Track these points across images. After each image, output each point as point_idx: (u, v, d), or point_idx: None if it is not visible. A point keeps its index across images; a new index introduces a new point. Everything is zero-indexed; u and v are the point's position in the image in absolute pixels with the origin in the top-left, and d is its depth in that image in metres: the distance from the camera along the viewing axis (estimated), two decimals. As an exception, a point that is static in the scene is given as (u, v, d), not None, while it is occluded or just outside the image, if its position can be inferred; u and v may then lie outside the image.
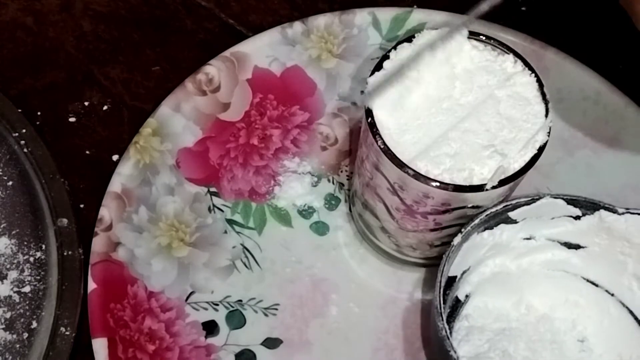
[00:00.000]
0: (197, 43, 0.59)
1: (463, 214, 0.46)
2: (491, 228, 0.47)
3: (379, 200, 0.48)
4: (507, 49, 0.46)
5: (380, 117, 0.44)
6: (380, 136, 0.43)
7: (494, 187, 0.43)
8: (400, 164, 0.43)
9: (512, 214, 0.47)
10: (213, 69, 0.55)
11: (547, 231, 0.49)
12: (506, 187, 0.44)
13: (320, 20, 0.57)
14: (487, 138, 0.44)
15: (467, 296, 0.49)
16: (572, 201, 0.47)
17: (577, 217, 0.48)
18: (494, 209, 0.46)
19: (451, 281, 0.48)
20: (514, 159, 0.44)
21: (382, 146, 0.43)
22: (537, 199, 0.47)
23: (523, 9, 0.62)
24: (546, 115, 0.45)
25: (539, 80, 0.45)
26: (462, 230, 0.46)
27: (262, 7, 0.61)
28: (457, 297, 0.49)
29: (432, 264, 0.52)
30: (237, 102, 0.56)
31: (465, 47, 0.46)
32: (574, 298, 0.49)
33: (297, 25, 0.57)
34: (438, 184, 0.43)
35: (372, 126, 0.44)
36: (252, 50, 0.56)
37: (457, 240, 0.46)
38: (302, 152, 0.55)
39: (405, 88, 0.45)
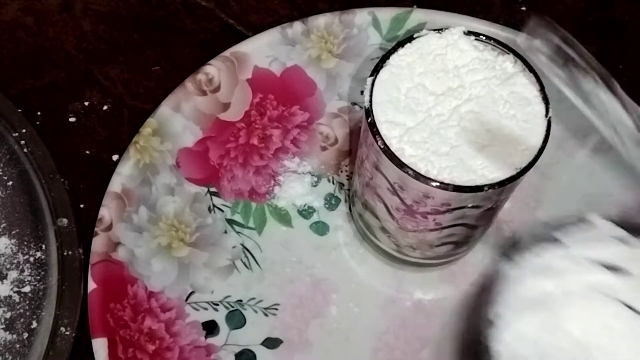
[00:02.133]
0: (197, 43, 0.59)
1: (463, 214, 0.45)
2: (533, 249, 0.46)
3: (379, 200, 0.47)
4: (507, 48, 0.46)
5: (380, 116, 0.44)
6: (380, 136, 0.43)
7: (493, 188, 0.43)
8: (400, 164, 0.43)
9: (556, 234, 0.46)
10: (213, 69, 0.55)
11: (592, 252, 0.47)
12: (506, 187, 0.43)
13: (320, 20, 0.57)
14: (487, 138, 0.44)
15: (498, 315, 0.48)
16: (620, 223, 0.46)
17: (625, 240, 0.46)
18: (538, 230, 0.46)
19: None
20: (513, 159, 0.43)
21: (382, 146, 0.43)
22: (584, 220, 0.46)
23: (523, 8, 0.62)
24: (546, 115, 0.44)
25: (539, 81, 0.45)
26: (507, 253, 0.45)
27: (262, 7, 0.61)
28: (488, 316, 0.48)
29: (432, 264, 0.52)
30: (237, 102, 0.56)
31: (465, 47, 0.46)
32: (612, 323, 0.48)
33: (297, 25, 0.57)
34: (438, 184, 0.42)
35: (372, 126, 0.44)
36: (252, 50, 0.56)
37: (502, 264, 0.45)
38: (302, 152, 0.55)
39: (405, 89, 0.45)
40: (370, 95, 0.44)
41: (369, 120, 0.44)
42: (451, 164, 0.43)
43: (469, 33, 0.46)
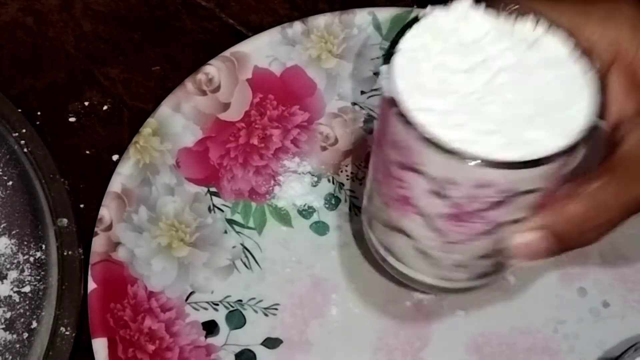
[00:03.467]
0: (197, 43, 0.59)
1: (519, 204, 0.39)
2: (634, 359, 0.46)
3: (413, 211, 0.41)
4: (524, 11, 0.41)
5: (408, 104, 0.38)
6: (415, 125, 0.37)
7: (567, 153, 0.37)
8: (451, 151, 0.37)
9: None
10: (213, 69, 0.55)
11: None
12: (572, 155, 0.38)
13: (320, 20, 0.57)
14: (532, 107, 0.38)
15: None
16: None
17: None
18: None
19: None
20: (567, 125, 0.38)
21: (421, 135, 0.37)
22: None
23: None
24: (591, 71, 0.39)
25: (568, 40, 0.40)
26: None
27: (262, 7, 0.61)
28: None
29: (476, 285, 0.47)
30: (237, 102, 0.56)
31: (478, 18, 0.41)
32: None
33: (297, 25, 0.57)
34: (503, 164, 0.36)
35: (402, 116, 0.38)
36: (252, 50, 0.56)
37: None
38: (302, 152, 0.55)
39: (426, 71, 0.40)
40: (391, 83, 0.38)
41: (396, 110, 0.38)
42: (502, 141, 0.37)
43: (478, 1, 0.41)
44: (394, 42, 0.40)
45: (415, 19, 0.41)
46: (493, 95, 0.39)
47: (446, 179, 0.38)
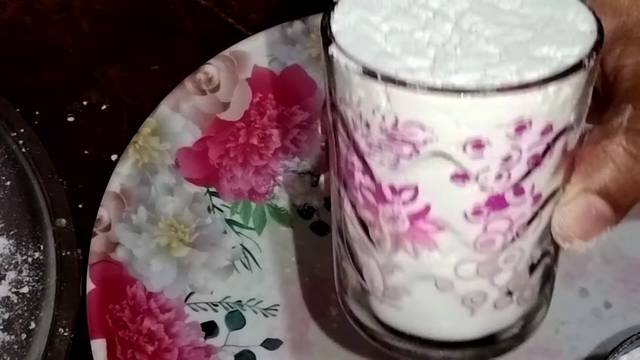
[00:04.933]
0: (196, 42, 0.59)
1: (556, 159, 0.32)
2: (628, 352, 0.46)
3: (435, 229, 0.32)
4: None
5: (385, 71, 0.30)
6: (413, 82, 0.29)
7: (593, 53, 0.31)
8: (481, 90, 0.29)
9: None
10: (212, 68, 0.55)
11: None
12: (597, 61, 0.31)
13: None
14: (517, 34, 0.32)
15: None
16: None
17: None
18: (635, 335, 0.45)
19: None
20: (572, 31, 0.32)
21: (433, 86, 0.29)
22: None
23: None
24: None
25: None
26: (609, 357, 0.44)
27: (261, 6, 0.61)
28: None
29: (529, 331, 0.37)
30: (237, 102, 0.55)
31: None
32: None
33: (297, 25, 0.57)
34: (544, 80, 0.29)
35: (387, 80, 0.30)
36: (251, 49, 0.56)
37: None
38: (302, 152, 0.55)
39: (373, 39, 0.33)
40: (350, 62, 0.31)
41: (374, 79, 0.30)
42: (521, 65, 0.30)
43: None
44: (326, 26, 0.34)
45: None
46: (471, 37, 0.32)
47: (475, 140, 0.30)
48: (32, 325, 0.48)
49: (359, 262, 0.36)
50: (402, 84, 0.29)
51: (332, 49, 0.32)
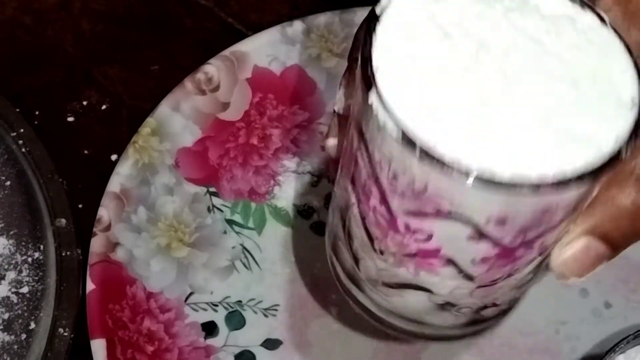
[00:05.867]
0: (196, 42, 0.59)
1: (572, 219, 0.33)
2: (624, 351, 0.46)
3: (441, 265, 0.33)
4: None
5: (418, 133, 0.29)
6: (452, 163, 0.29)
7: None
8: (515, 184, 0.28)
9: None
10: (212, 68, 0.55)
11: None
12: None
13: (321, 19, 0.57)
14: (563, 95, 0.30)
15: None
16: None
17: None
18: (632, 334, 0.45)
19: None
20: (618, 98, 0.31)
21: (471, 171, 0.28)
22: None
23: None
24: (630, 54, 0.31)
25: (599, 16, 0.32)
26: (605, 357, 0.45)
27: (261, 6, 0.61)
28: None
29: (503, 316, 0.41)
30: (237, 102, 0.55)
31: None
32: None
33: (297, 24, 0.57)
34: (584, 176, 0.29)
35: (427, 155, 0.29)
36: (251, 49, 0.56)
37: None
38: (302, 152, 0.55)
39: (405, 65, 0.31)
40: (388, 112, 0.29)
41: (415, 150, 0.29)
42: (560, 147, 0.29)
43: None
44: (367, 58, 0.30)
45: (373, 16, 0.32)
46: (513, 89, 0.30)
47: (501, 218, 0.30)
48: (32, 325, 0.48)
49: (357, 254, 0.37)
50: (439, 163, 0.28)
51: (372, 98, 0.29)
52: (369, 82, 0.30)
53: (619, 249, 0.35)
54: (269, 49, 0.56)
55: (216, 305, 0.51)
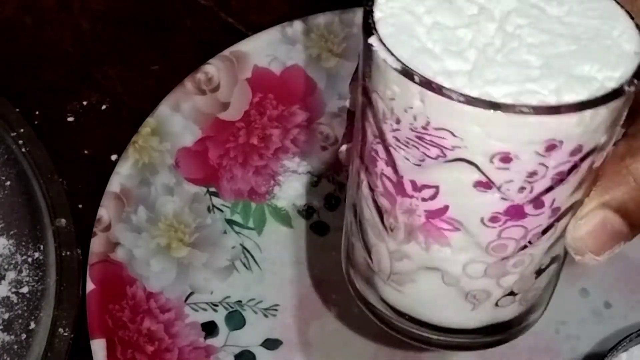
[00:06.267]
0: (196, 42, 0.59)
1: (580, 176, 0.32)
2: (627, 349, 0.46)
3: (451, 228, 0.33)
4: None
5: (425, 71, 0.30)
6: (448, 90, 0.29)
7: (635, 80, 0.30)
8: (515, 108, 0.29)
9: None
10: (212, 68, 0.55)
11: None
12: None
13: (321, 19, 0.57)
14: (559, 45, 0.31)
15: None
16: None
17: None
18: (635, 332, 0.45)
19: None
20: (617, 49, 0.31)
21: (468, 98, 0.29)
22: None
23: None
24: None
25: None
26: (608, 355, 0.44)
27: (261, 6, 0.61)
28: None
29: (528, 324, 0.39)
30: (237, 102, 0.55)
31: None
32: None
33: (297, 24, 0.57)
34: (581, 105, 0.29)
35: (425, 83, 0.29)
36: (251, 49, 0.56)
37: None
38: (302, 152, 0.55)
39: (423, 34, 0.32)
40: (387, 55, 0.31)
41: (413, 80, 0.30)
42: (560, 83, 0.30)
43: None
44: (368, 13, 0.32)
45: None
46: (513, 42, 0.31)
47: (504, 153, 0.30)
48: (32, 325, 0.48)
49: (369, 242, 0.37)
50: (439, 90, 0.29)
51: (373, 40, 0.31)
52: (369, 29, 0.31)
53: (636, 226, 0.33)
54: (269, 49, 0.56)
55: (216, 305, 0.51)
